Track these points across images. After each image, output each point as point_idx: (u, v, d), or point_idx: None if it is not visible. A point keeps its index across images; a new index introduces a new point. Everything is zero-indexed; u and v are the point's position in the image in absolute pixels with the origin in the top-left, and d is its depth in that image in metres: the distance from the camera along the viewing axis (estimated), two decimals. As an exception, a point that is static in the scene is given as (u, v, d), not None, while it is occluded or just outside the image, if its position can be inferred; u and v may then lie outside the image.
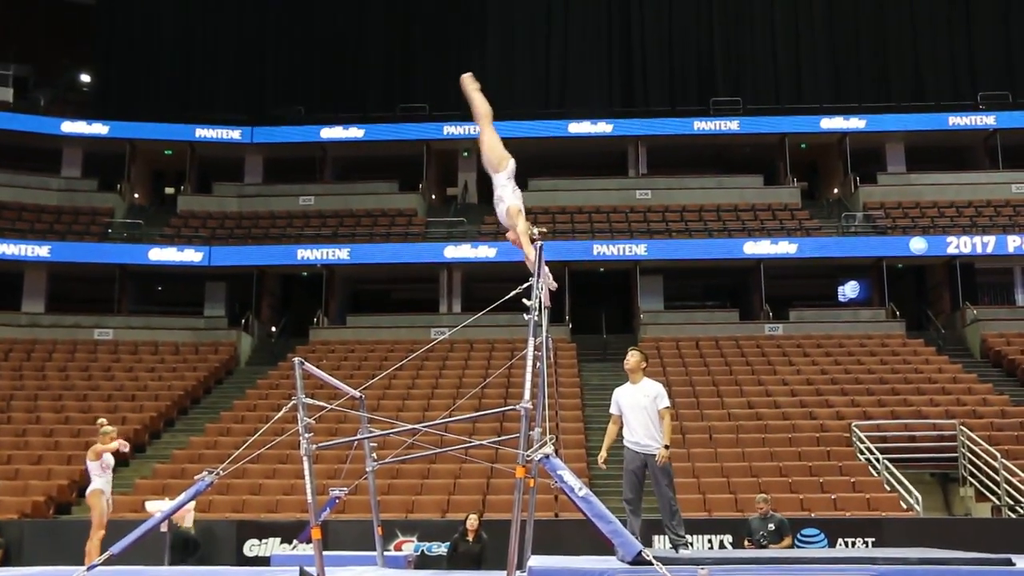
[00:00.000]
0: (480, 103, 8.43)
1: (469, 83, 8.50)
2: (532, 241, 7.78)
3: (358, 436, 9.05)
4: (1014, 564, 7.39)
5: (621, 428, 9.02)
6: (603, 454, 9.09)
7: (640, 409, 8.78)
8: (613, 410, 9.06)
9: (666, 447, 8.73)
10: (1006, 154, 31.74)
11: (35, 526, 15.95)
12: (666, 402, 8.86)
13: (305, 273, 30.40)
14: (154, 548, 12.58)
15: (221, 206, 32.37)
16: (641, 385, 8.90)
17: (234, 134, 32.53)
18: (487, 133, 8.49)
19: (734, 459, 18.68)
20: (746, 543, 12.28)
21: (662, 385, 9.02)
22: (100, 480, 11.23)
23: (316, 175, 33.51)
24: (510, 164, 8.47)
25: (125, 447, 11.38)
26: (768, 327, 27.81)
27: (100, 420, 12.10)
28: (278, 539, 14.43)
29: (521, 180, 29.28)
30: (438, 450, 9.94)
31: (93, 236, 29.93)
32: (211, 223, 31.37)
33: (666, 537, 9.94)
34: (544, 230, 7.91)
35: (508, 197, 8.28)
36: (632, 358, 9.01)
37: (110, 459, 11.38)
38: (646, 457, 8.71)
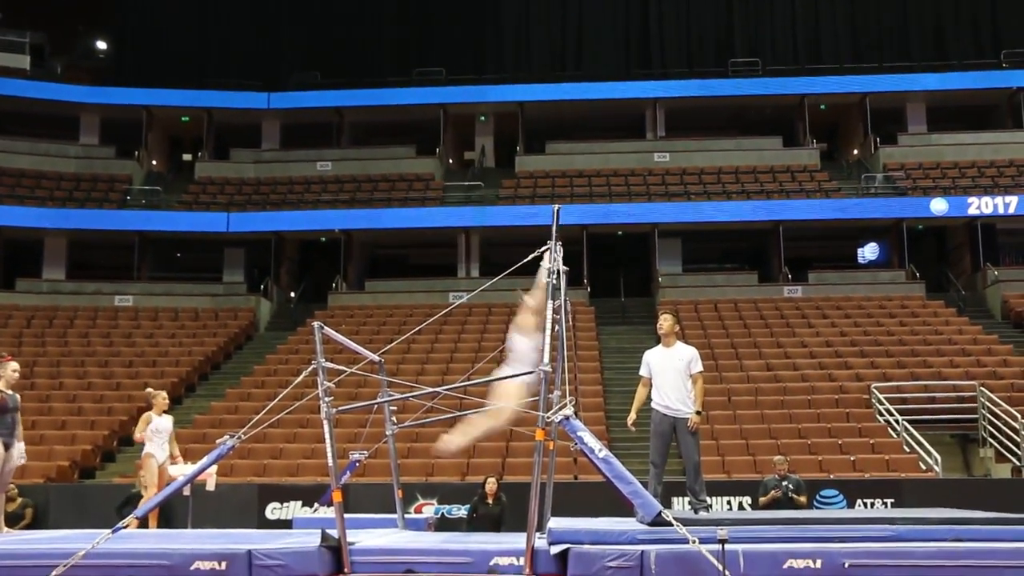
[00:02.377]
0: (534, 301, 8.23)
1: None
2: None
3: (378, 400, 9.09)
4: (1034, 523, 7.38)
5: (650, 391, 9.03)
6: (632, 416, 9.11)
7: (673, 372, 8.78)
8: (643, 372, 9.06)
9: (698, 413, 8.75)
10: (1030, 113, 31.40)
11: (60, 490, 16.14)
12: (700, 367, 8.85)
13: (323, 238, 30.46)
14: (179, 511, 12.73)
15: (239, 172, 32.39)
16: (674, 349, 8.90)
17: (251, 100, 32.48)
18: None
19: (753, 421, 18.70)
20: (761, 500, 12.28)
21: (695, 349, 9.00)
22: (150, 445, 11.34)
23: (333, 140, 33.46)
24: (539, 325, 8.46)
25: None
26: (787, 289, 27.72)
27: (148, 389, 12.23)
28: (299, 502, 14.57)
29: (539, 144, 29.54)
30: (457, 413, 9.95)
31: (112, 203, 30.05)
32: (229, 189, 31.42)
33: (687, 499, 9.99)
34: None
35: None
36: (666, 322, 9.00)
37: (161, 423, 11.46)
38: (675, 420, 8.73)
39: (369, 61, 33.96)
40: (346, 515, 7.77)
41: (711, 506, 9.29)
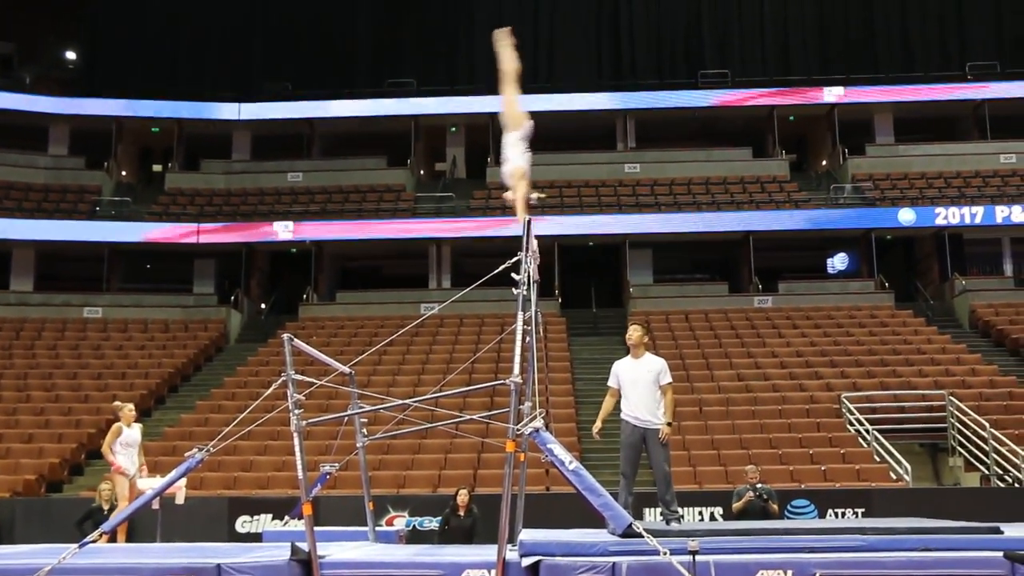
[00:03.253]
0: (508, 60, 8.35)
1: (503, 37, 8.41)
2: (529, 208, 7.76)
3: (348, 412, 9.05)
4: (1002, 532, 7.45)
5: (618, 401, 9.04)
6: (598, 424, 9.11)
7: (642, 384, 8.77)
8: (612, 383, 9.05)
9: (668, 424, 8.75)
10: (994, 124, 31.76)
11: (27, 504, 15.94)
12: (669, 378, 8.84)
13: (294, 250, 30.34)
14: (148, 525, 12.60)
15: (209, 183, 32.23)
16: (643, 360, 8.90)
17: (222, 111, 32.36)
18: (508, 91, 8.43)
19: (724, 431, 18.76)
20: (735, 505, 12.30)
21: (664, 361, 9.01)
22: (120, 457, 11.23)
23: (304, 151, 33.37)
24: (525, 125, 8.45)
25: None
26: (757, 299, 27.88)
27: (115, 402, 12.13)
28: (270, 515, 14.47)
29: (510, 154, 28.33)
30: (429, 425, 9.94)
31: (81, 214, 29.79)
32: (199, 200, 31.24)
33: (658, 510, 9.98)
34: (544, 195, 7.88)
35: (515, 158, 8.26)
36: (635, 333, 8.99)
37: (130, 436, 11.37)
38: (645, 431, 8.72)
39: (341, 71, 33.88)
40: (316, 528, 7.72)
41: (683, 517, 9.29)
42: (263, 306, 30.72)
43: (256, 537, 13.45)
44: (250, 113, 32.46)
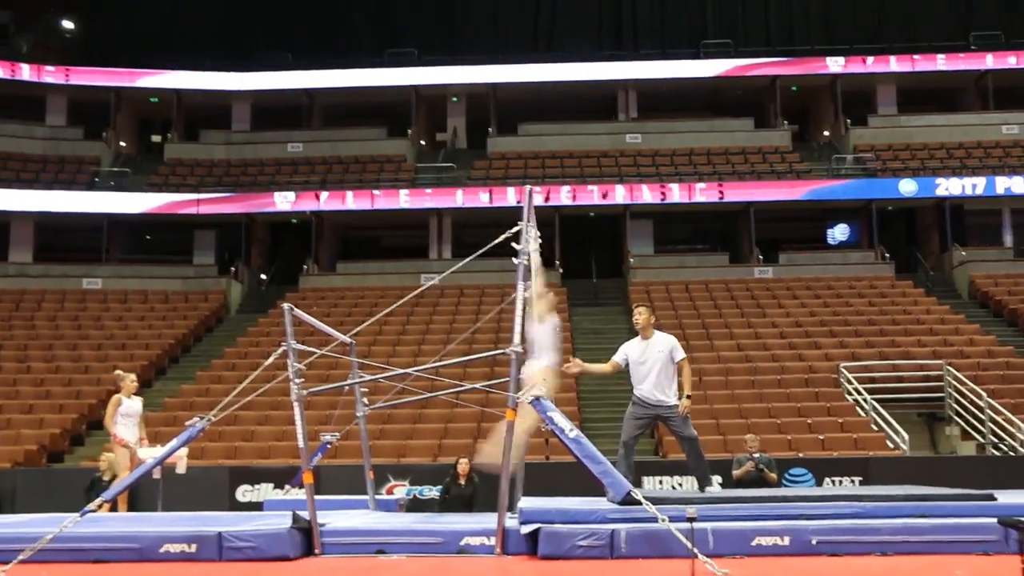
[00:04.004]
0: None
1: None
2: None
3: (349, 381, 9.08)
4: (996, 499, 7.51)
5: (613, 372, 9.02)
6: (579, 364, 9.04)
7: (655, 365, 8.78)
8: (617, 358, 9.02)
9: (688, 397, 8.76)
10: (997, 95, 31.66)
11: (28, 474, 16.02)
12: (682, 353, 8.88)
13: (294, 220, 30.30)
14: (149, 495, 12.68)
15: (209, 154, 32.16)
16: (653, 341, 8.92)
17: (221, 81, 32.22)
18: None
19: (724, 401, 18.81)
20: (735, 472, 12.37)
21: (674, 337, 9.03)
22: (120, 428, 11.26)
23: (304, 122, 33.26)
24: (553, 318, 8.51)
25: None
26: (758, 270, 27.87)
27: (117, 371, 12.11)
28: (271, 484, 14.53)
29: (511, 125, 29.43)
30: (429, 395, 9.99)
31: (80, 185, 29.74)
32: (199, 171, 31.18)
33: (657, 479, 10.04)
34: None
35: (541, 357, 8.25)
36: (641, 316, 9.02)
37: (131, 406, 11.38)
38: (658, 410, 8.73)
39: (340, 42, 33.75)
40: (317, 497, 7.78)
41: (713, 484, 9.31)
42: (263, 277, 30.73)
43: (257, 506, 13.53)
44: (250, 83, 32.33)
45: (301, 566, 6.95)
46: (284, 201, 28.88)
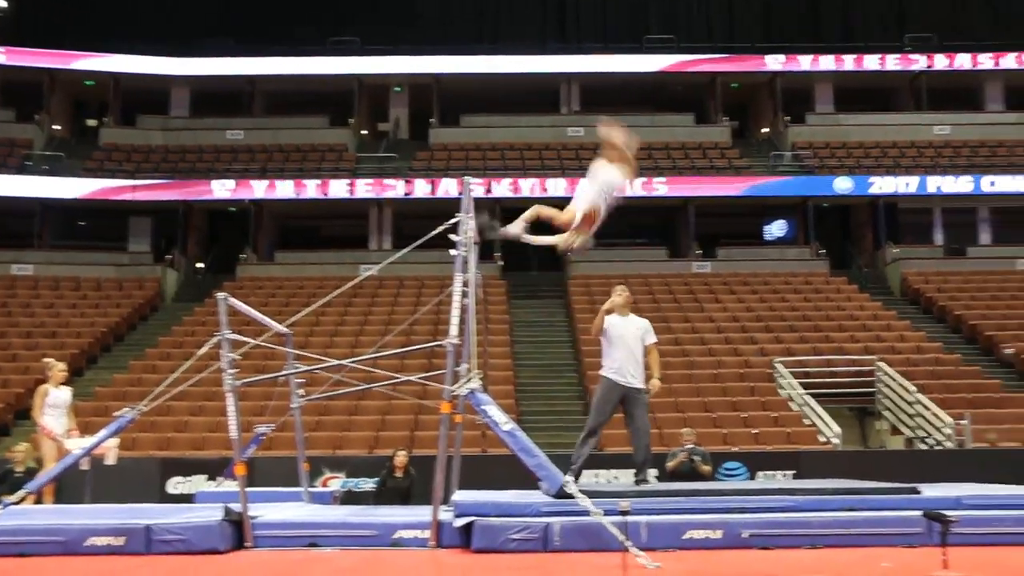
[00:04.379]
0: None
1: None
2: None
3: (283, 372, 9.00)
4: (920, 493, 7.67)
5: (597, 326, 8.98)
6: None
7: (630, 339, 8.81)
8: (602, 324, 8.92)
9: (659, 379, 8.86)
10: (930, 96, 32.25)
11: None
12: (654, 337, 8.95)
13: (233, 208, 29.93)
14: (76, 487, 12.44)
15: (146, 139, 31.59)
16: (631, 318, 8.97)
17: (160, 66, 31.66)
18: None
19: (660, 395, 18.74)
20: (668, 464, 12.47)
21: (648, 321, 9.10)
22: (47, 419, 11.01)
23: (245, 109, 32.85)
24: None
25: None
26: (696, 265, 28.13)
27: (45, 360, 11.84)
28: (204, 476, 14.34)
29: (454, 116, 29.30)
30: (365, 386, 9.93)
31: (11, 168, 29.04)
32: (135, 157, 30.63)
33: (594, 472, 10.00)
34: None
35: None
36: (625, 292, 9.05)
37: (58, 396, 11.13)
38: (626, 391, 8.74)
39: (283, 29, 33.30)
40: (251, 489, 7.71)
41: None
42: (200, 265, 30.31)
43: (189, 498, 13.35)
44: (189, 69, 31.81)
45: (231, 559, 6.87)
46: (223, 189, 28.49)
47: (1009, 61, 32.02)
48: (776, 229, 31.60)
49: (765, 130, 33.62)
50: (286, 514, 8.11)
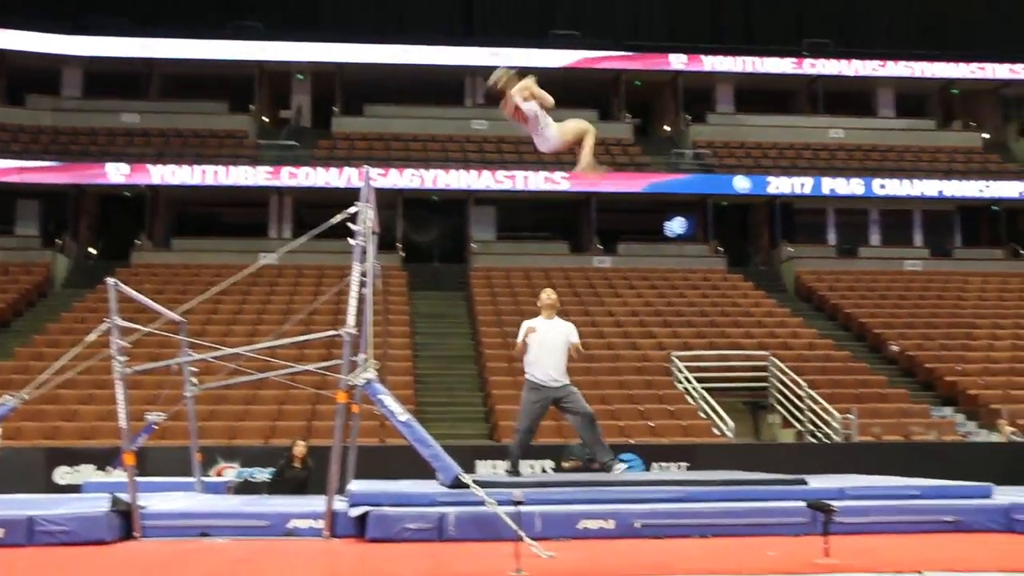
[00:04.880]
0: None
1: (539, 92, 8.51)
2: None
3: (176, 360, 8.83)
4: (807, 483, 7.89)
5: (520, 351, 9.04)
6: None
7: (555, 346, 8.90)
8: (522, 339, 9.00)
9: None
10: (826, 100, 33.14)
11: None
12: (577, 339, 9.05)
13: (127, 193, 29.14)
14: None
15: (35, 119, 30.52)
16: (555, 322, 9.04)
17: (51, 43, 30.62)
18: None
19: (559, 388, 19.07)
20: (564, 464, 12.59)
21: (573, 325, 9.20)
22: None
23: (142, 91, 32.01)
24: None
25: None
26: (597, 259, 28.40)
27: None
28: (92, 466, 13.98)
29: (357, 105, 29.07)
30: (261, 375, 9.79)
31: None
32: (23, 137, 29.59)
33: (491, 463, 10.08)
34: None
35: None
36: (553, 294, 9.14)
37: None
38: (556, 393, 8.79)
39: (183, 10, 32.56)
40: (142, 479, 7.55)
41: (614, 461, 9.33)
42: (92, 251, 29.48)
43: (77, 489, 13.01)
44: (83, 48, 30.85)
45: (118, 550, 6.72)
46: (117, 173, 27.73)
47: (900, 69, 33.12)
48: (676, 226, 32.09)
49: (667, 128, 34.11)
50: (177, 504, 7.97)
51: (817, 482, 8.20)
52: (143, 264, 26.96)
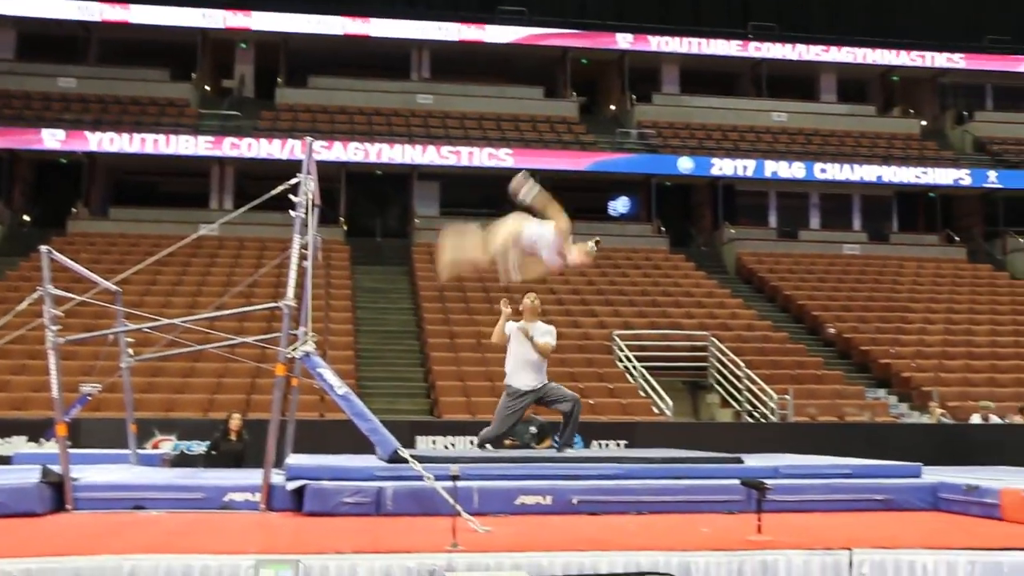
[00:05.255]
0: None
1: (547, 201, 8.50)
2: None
3: (111, 330, 8.69)
4: (743, 462, 8.01)
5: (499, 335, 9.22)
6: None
7: (529, 353, 8.99)
8: (504, 330, 9.09)
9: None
10: (770, 83, 33.46)
11: None
12: (547, 338, 9.13)
13: (64, 160, 28.54)
14: None
15: (-35, 83, 29.77)
16: (536, 326, 9.14)
17: (-19, 3, 29.82)
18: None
19: (499, 364, 19.02)
20: (507, 443, 12.62)
21: (554, 328, 9.28)
22: None
23: (79, 56, 31.31)
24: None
25: None
26: (539, 237, 28.35)
27: None
28: (24, 437, 13.74)
29: (301, 77, 28.72)
30: (198, 347, 9.68)
31: None
32: (-48, 101, 28.85)
33: (430, 439, 10.09)
34: (599, 240, 7.94)
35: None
36: (537, 300, 9.31)
37: None
38: (536, 394, 8.94)
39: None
40: (76, 451, 7.44)
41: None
42: (26, 218, 28.84)
43: (7, 461, 12.78)
44: (15, 8, 30.00)
45: (49, 522, 6.61)
46: (52, 139, 27.11)
47: (843, 55, 33.54)
48: (620, 205, 32.24)
49: (612, 108, 34.20)
50: (110, 476, 7.86)
51: (752, 461, 8.32)
52: (79, 233, 26.46)
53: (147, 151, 27.47)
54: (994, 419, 16.83)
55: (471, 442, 14.71)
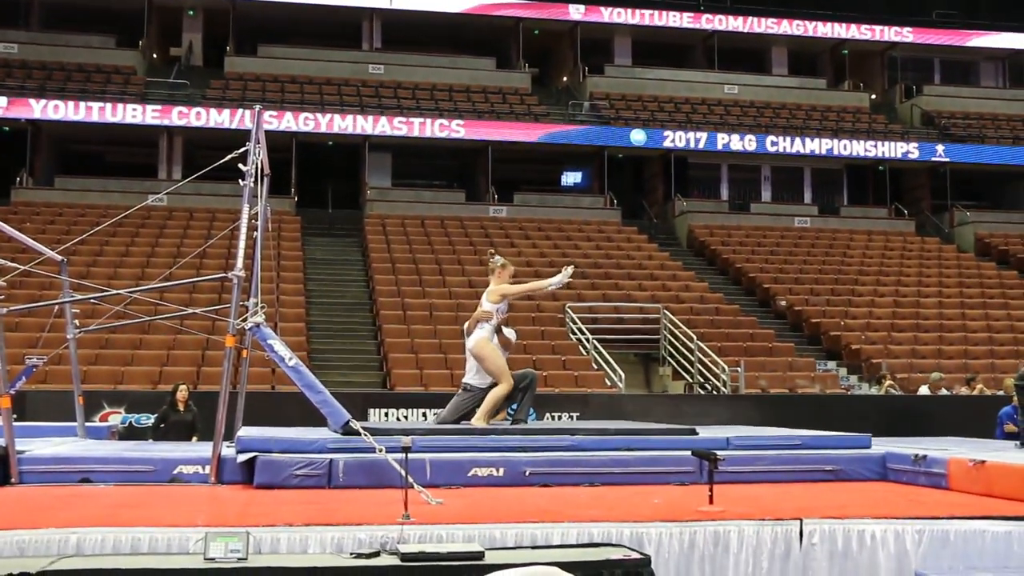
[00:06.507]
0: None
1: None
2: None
3: (56, 301, 8.55)
4: (697, 433, 8.07)
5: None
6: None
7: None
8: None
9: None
10: (721, 56, 33.53)
11: None
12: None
13: (6, 128, 27.90)
14: None
15: (-102, 47, 28.97)
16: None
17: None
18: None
19: (452, 336, 19.07)
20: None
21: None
22: None
23: (20, 20, 30.58)
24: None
25: None
26: (492, 209, 28.37)
27: None
28: (-32, 411, 13.49)
29: (251, 45, 28.35)
30: (147, 318, 9.56)
31: None
32: None
33: (383, 411, 10.06)
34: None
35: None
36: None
37: None
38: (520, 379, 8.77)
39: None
40: (22, 423, 7.31)
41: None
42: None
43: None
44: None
45: (-6, 496, 6.51)
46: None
47: (793, 28, 33.68)
48: (572, 178, 32.25)
49: (565, 79, 34.12)
50: (57, 449, 7.75)
51: (706, 432, 8.40)
52: (23, 202, 25.95)
53: (93, 119, 26.94)
54: (943, 391, 17.14)
55: (423, 415, 14.76)
